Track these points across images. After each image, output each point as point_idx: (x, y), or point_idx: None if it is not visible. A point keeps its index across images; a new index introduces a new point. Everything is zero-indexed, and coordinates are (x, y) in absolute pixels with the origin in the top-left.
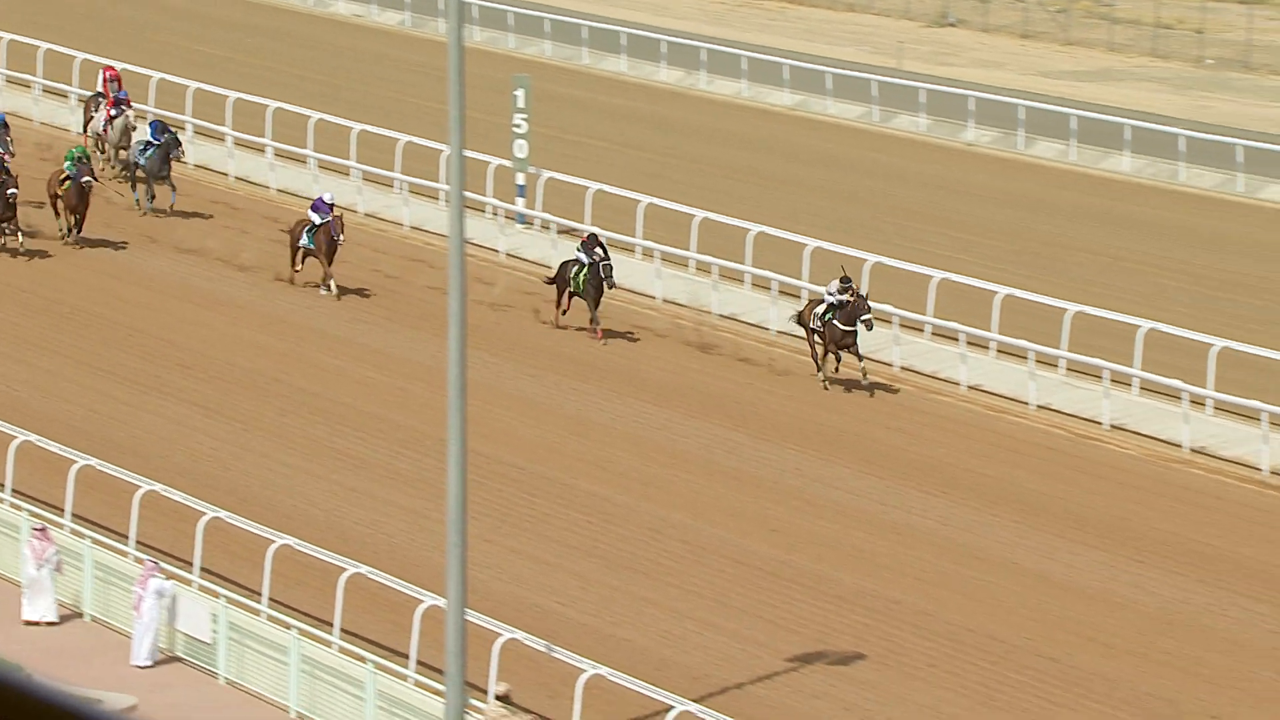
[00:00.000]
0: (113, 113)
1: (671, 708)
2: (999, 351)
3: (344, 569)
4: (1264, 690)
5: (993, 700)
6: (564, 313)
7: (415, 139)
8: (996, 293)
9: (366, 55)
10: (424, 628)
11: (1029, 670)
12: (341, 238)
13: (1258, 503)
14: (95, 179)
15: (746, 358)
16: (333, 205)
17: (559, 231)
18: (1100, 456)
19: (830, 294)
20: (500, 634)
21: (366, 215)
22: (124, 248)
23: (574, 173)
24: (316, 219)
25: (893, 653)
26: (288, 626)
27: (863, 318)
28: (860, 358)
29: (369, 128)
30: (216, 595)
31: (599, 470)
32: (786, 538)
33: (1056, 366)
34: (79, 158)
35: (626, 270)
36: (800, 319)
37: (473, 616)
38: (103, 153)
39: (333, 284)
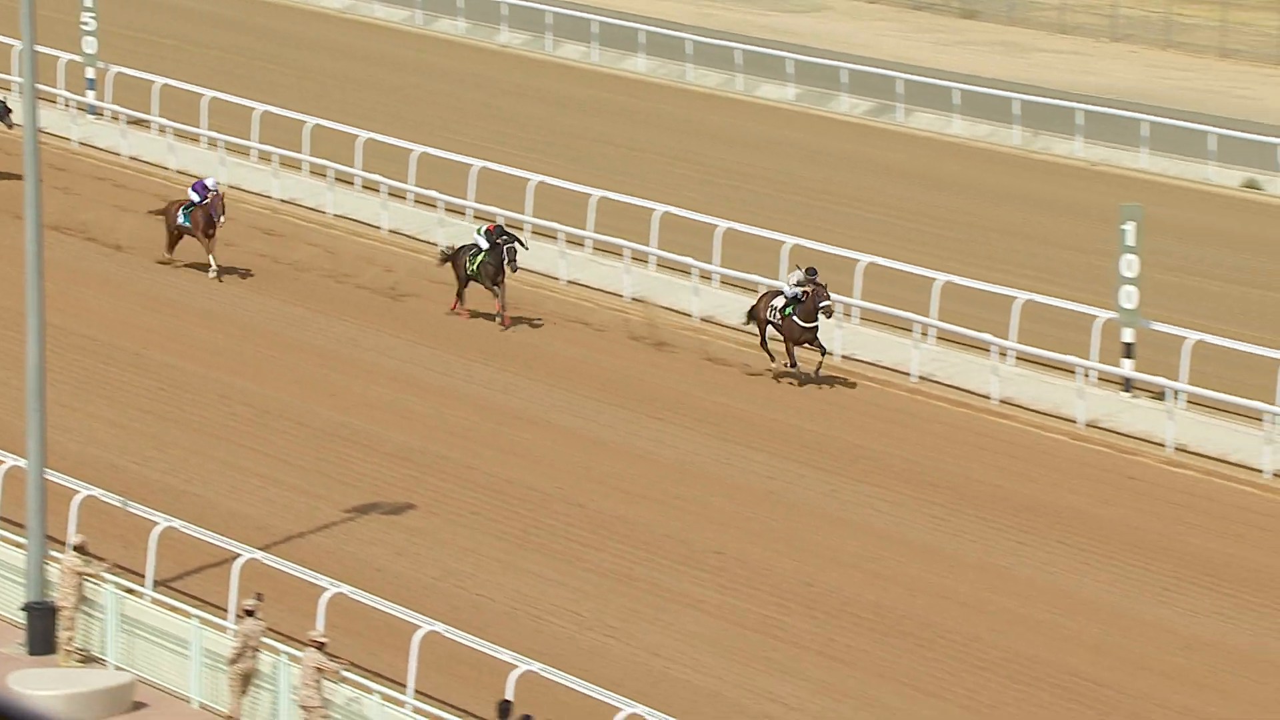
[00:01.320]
0: None
1: (239, 555)
2: (534, 232)
3: None
4: (759, 529)
5: (528, 543)
6: (461, 299)
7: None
8: (530, 179)
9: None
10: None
11: (561, 516)
12: (223, 218)
13: (758, 363)
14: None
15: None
16: (216, 187)
17: (128, 122)
18: (624, 325)
19: (790, 286)
20: (78, 491)
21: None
22: None
23: (143, 68)
24: (195, 198)
25: (439, 503)
26: None
27: (822, 305)
28: (823, 351)
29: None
30: None
31: (170, 342)
32: (344, 401)
33: (584, 245)
34: None
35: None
36: (754, 314)
37: (52, 475)
38: None
39: (214, 263)
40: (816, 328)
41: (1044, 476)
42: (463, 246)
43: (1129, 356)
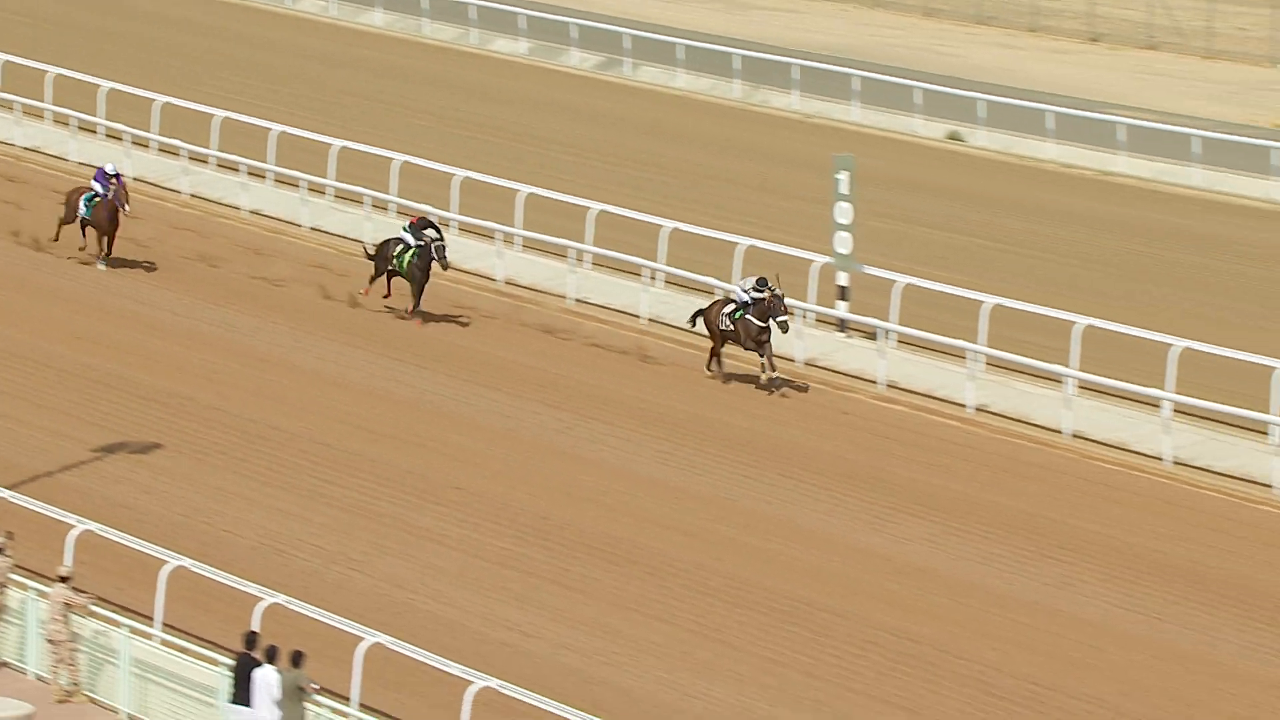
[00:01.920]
0: None
1: None
2: (277, 181)
3: None
4: (497, 465)
5: (273, 480)
6: (386, 296)
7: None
8: (270, 129)
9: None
10: None
11: (305, 454)
12: (127, 208)
13: (493, 308)
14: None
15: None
16: (117, 175)
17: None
18: (366, 271)
19: (743, 292)
20: None
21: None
22: None
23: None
24: (99, 189)
25: (187, 443)
26: None
27: (779, 319)
28: (771, 358)
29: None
30: None
31: None
32: (89, 344)
33: (325, 193)
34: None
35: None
36: (706, 320)
37: None
38: None
39: (106, 257)
40: (769, 330)
41: (763, 413)
42: (387, 240)
43: (844, 299)
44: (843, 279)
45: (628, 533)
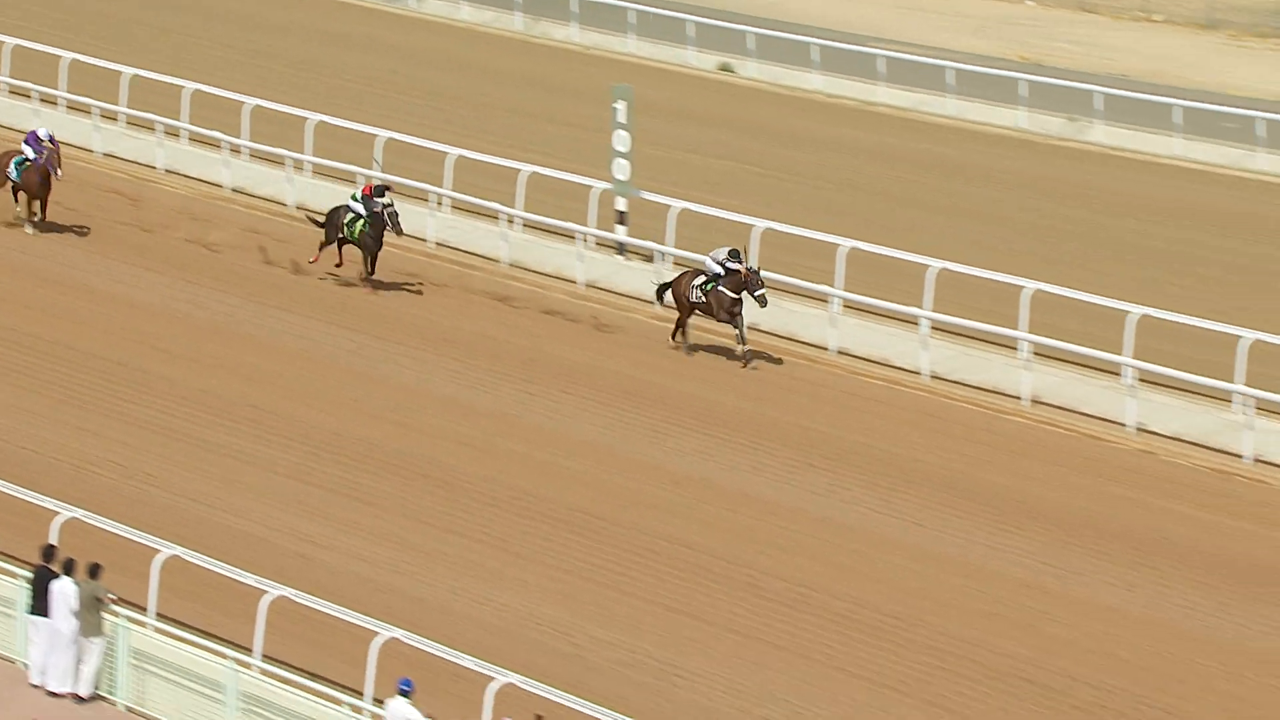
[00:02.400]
0: None
1: None
2: (69, 108)
3: None
4: (291, 384)
5: (70, 398)
6: (338, 265)
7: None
8: (62, 57)
9: None
10: None
11: (102, 373)
12: (59, 173)
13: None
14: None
15: None
16: (51, 138)
17: None
18: (157, 196)
19: (715, 263)
20: None
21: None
22: None
23: None
24: (30, 153)
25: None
26: None
27: (757, 293)
28: (744, 330)
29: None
30: None
31: None
32: None
33: (117, 120)
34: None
35: None
36: (675, 292)
37: None
38: None
39: (36, 220)
40: (740, 302)
41: (547, 332)
42: (336, 208)
43: (622, 223)
44: (621, 204)
45: (418, 448)
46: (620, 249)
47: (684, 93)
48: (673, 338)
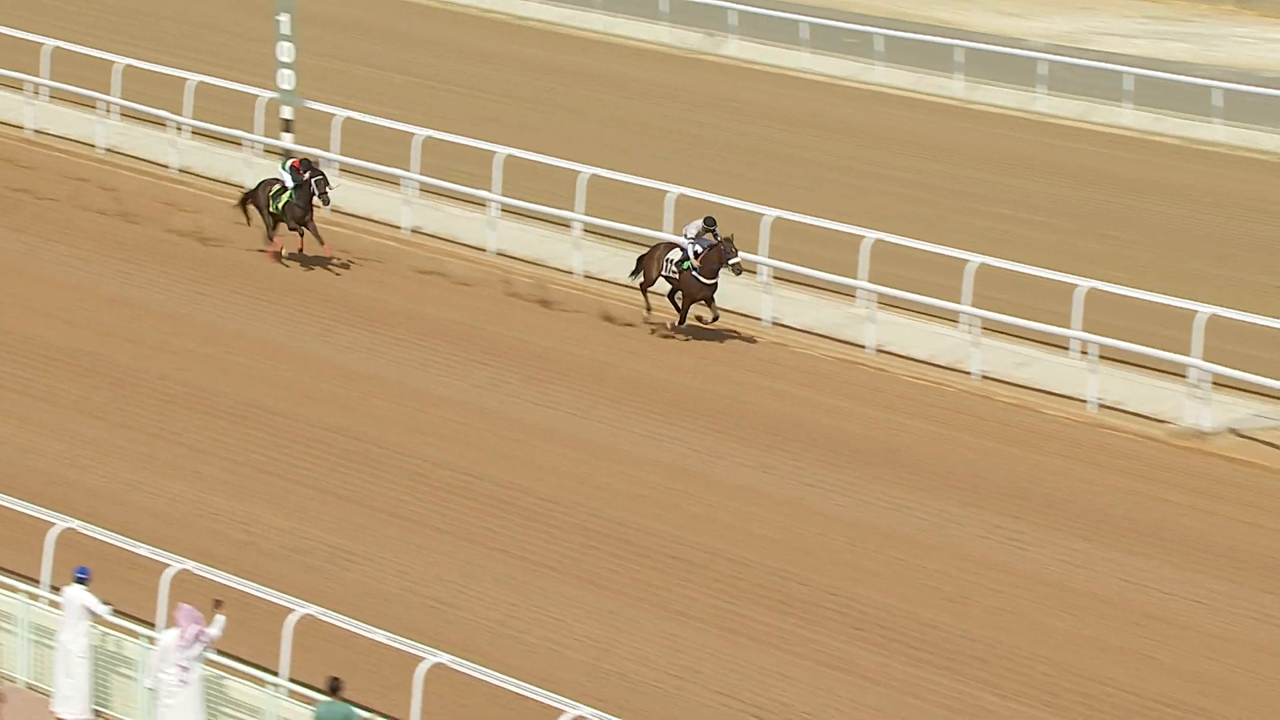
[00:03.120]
0: None
1: None
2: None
3: None
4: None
5: None
6: (271, 240)
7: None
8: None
9: None
10: None
11: None
12: None
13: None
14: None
15: None
16: None
17: None
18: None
19: (690, 240)
20: None
21: None
22: None
23: None
24: None
25: None
26: None
27: (732, 262)
28: (715, 312)
29: None
30: None
31: None
32: None
33: (39, 93)
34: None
35: None
36: (645, 269)
37: None
38: None
39: None
40: (716, 285)
41: (222, 234)
42: (262, 182)
43: (288, 131)
44: (287, 113)
45: (90, 345)
46: (288, 157)
47: (350, 5)
48: (648, 310)
